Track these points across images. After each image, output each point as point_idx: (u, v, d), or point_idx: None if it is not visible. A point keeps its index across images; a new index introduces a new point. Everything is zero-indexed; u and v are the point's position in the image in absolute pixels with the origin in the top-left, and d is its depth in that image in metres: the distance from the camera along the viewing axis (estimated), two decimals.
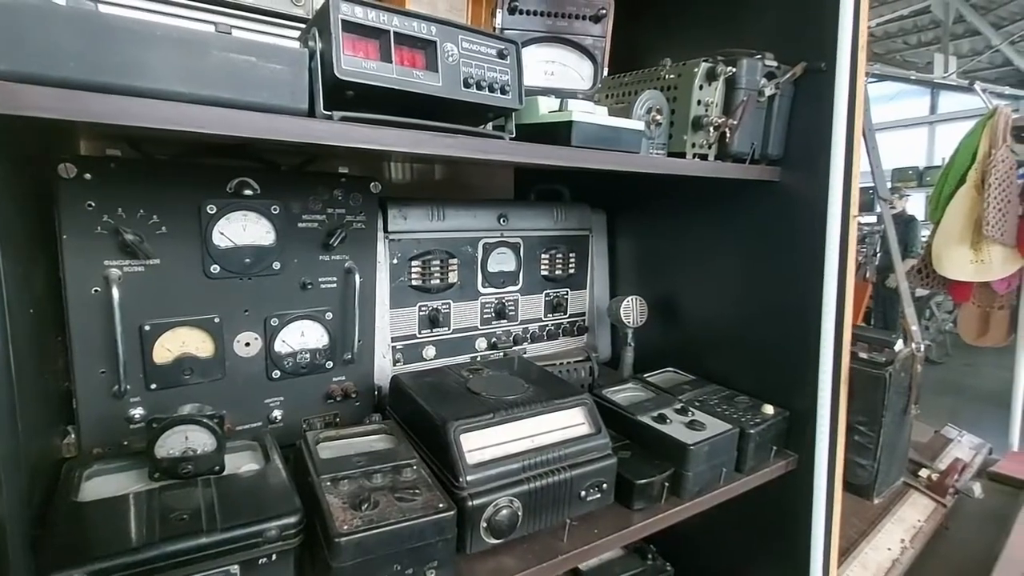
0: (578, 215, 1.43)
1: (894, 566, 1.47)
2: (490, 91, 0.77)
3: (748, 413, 1.06)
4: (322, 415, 1.02)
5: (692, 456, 0.91)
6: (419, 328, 1.22)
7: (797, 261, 1.05)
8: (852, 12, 0.94)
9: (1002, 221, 2.16)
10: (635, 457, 0.95)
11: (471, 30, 0.76)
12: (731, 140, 0.97)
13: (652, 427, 0.97)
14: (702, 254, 1.28)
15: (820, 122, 0.99)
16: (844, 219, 0.97)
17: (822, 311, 1.00)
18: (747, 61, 0.96)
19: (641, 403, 1.07)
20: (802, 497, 1.07)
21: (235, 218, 0.87)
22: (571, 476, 0.81)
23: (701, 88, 0.94)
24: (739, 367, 1.19)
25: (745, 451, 0.99)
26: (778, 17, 1.07)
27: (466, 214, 1.25)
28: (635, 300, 1.30)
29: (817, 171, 1.00)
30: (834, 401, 1.00)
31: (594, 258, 1.46)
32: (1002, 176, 2.16)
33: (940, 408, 4.66)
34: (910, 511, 1.69)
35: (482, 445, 0.79)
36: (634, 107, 0.92)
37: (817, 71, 0.99)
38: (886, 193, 1.06)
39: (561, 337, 1.44)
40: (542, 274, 1.38)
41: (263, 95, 0.59)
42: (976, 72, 9.17)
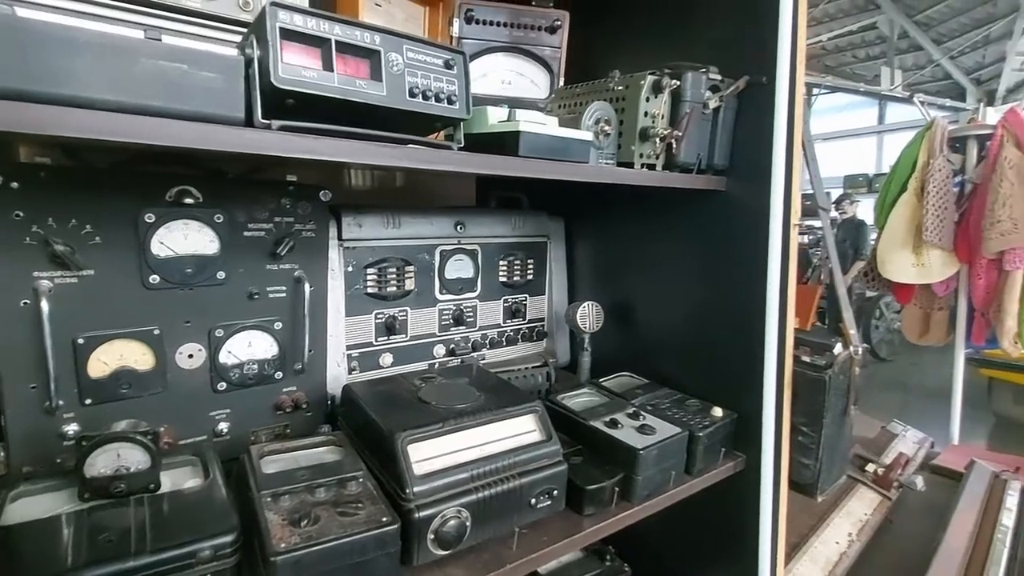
0: (536, 222, 1.44)
1: (841, 559, 1.52)
2: (436, 101, 0.77)
3: (698, 416, 1.08)
4: (272, 427, 1.00)
5: (641, 460, 0.92)
6: (376, 336, 1.21)
7: (742, 268, 1.08)
8: (790, 30, 0.97)
9: (940, 227, 2.27)
10: (587, 462, 0.96)
11: (417, 40, 0.76)
12: (677, 151, 0.99)
13: (604, 432, 0.98)
14: (655, 261, 1.31)
15: (762, 134, 1.03)
16: (785, 227, 1.01)
17: (766, 316, 1.03)
18: (692, 74, 0.99)
19: (594, 408, 1.08)
20: (751, 496, 1.10)
21: (176, 227, 0.84)
22: (521, 484, 0.81)
23: (648, 100, 0.96)
24: (691, 371, 1.22)
25: (694, 453, 1.02)
26: (723, 33, 1.10)
27: (422, 221, 1.24)
28: (591, 306, 1.32)
29: (760, 181, 1.04)
30: (778, 403, 1.04)
31: (552, 264, 1.47)
32: (939, 184, 2.27)
33: (890, 403, 4.87)
34: (857, 505, 1.76)
35: (431, 455, 0.79)
36: (583, 118, 0.93)
37: (759, 85, 1.02)
38: (825, 202, 1.10)
39: (520, 342, 1.45)
40: (500, 280, 1.38)
41: (195, 104, 0.58)
42: (919, 85, 9.64)
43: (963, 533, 1.59)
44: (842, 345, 1.00)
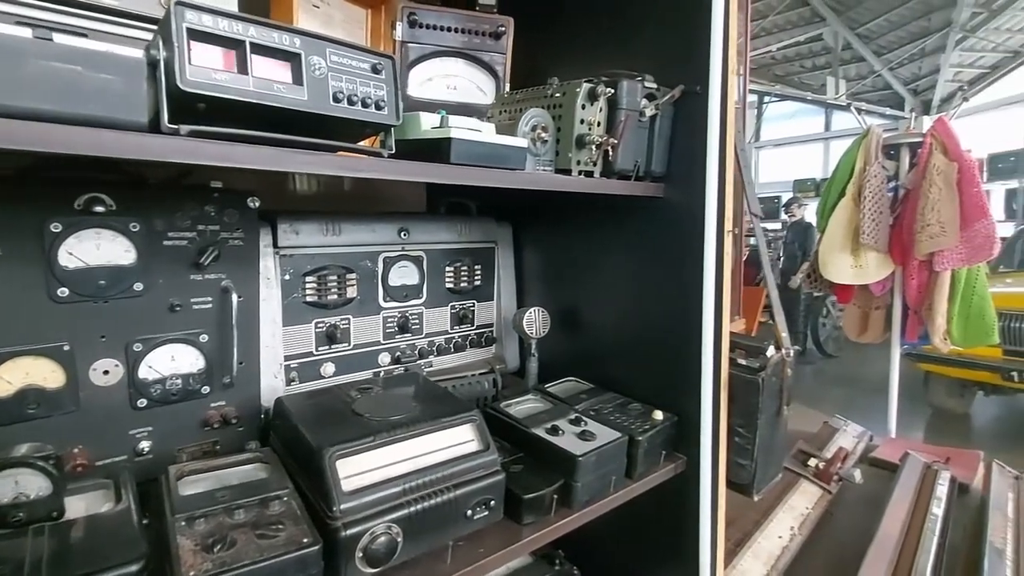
0: (483, 228, 1.43)
1: (783, 553, 1.57)
2: (363, 106, 0.75)
3: (639, 420, 1.09)
4: (199, 444, 0.95)
5: (580, 467, 0.92)
6: (316, 345, 1.17)
7: (680, 273, 1.10)
8: (722, 41, 1.00)
9: (875, 230, 2.38)
10: (527, 470, 0.95)
11: (342, 43, 0.74)
12: (614, 157, 1.00)
13: (544, 439, 0.98)
14: (600, 266, 1.32)
15: (697, 142, 1.05)
16: (719, 233, 1.03)
17: (702, 320, 1.05)
18: (627, 83, 1.00)
19: (537, 415, 1.08)
20: (691, 497, 1.12)
21: (86, 236, 0.80)
22: (456, 496, 0.80)
23: (583, 107, 0.97)
24: (635, 374, 1.23)
25: (635, 457, 1.03)
26: (661, 43, 1.12)
27: (364, 228, 1.22)
28: (537, 312, 1.32)
29: (695, 187, 1.06)
30: (715, 405, 1.06)
31: (500, 270, 1.47)
32: (875, 189, 2.38)
33: (836, 398, 5.08)
34: (799, 499, 1.82)
35: (361, 470, 0.76)
36: (519, 124, 0.93)
37: (693, 94, 1.04)
38: (757, 209, 1.13)
39: (469, 349, 1.43)
40: (447, 287, 1.37)
41: (93, 108, 0.55)
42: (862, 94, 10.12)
43: (896, 523, 1.66)
44: (774, 347, 1.03)
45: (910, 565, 1.50)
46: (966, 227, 2.19)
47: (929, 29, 8.80)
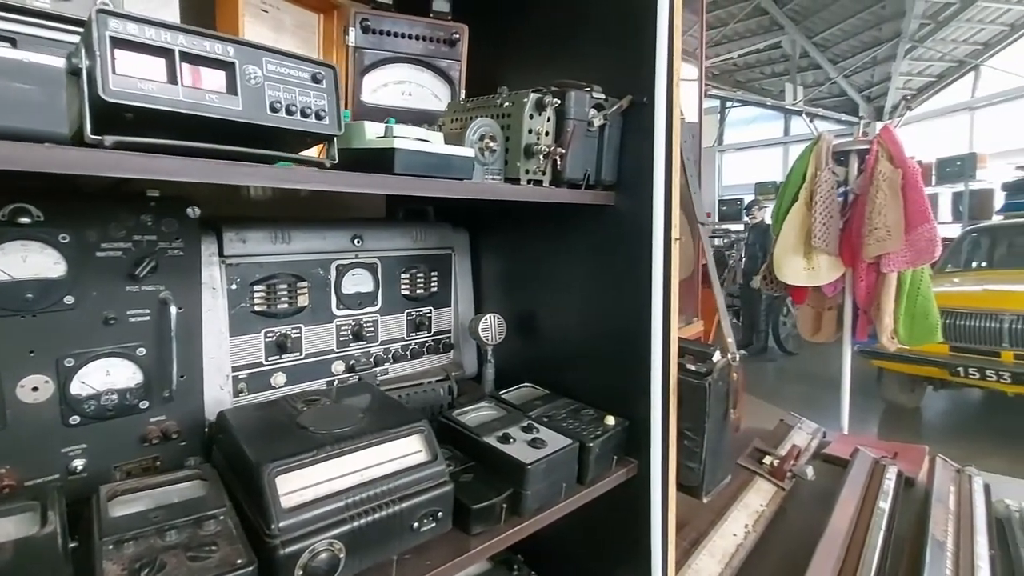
0: (439, 234, 1.43)
1: (738, 551, 1.61)
2: (303, 116, 0.74)
3: (591, 426, 1.10)
4: (139, 460, 0.92)
5: (530, 475, 0.93)
6: (266, 355, 1.15)
7: (630, 280, 1.11)
8: (667, 54, 1.02)
9: (826, 233, 2.46)
10: (477, 480, 0.95)
11: (279, 52, 0.73)
12: (563, 167, 1.01)
13: (495, 448, 0.98)
14: (556, 272, 1.33)
15: (645, 151, 1.07)
16: (667, 241, 1.05)
17: (652, 327, 1.07)
18: (575, 93, 1.01)
19: (490, 423, 1.08)
20: (643, 500, 1.14)
21: (11, 248, 0.76)
22: (402, 509, 0.80)
23: (531, 117, 0.98)
24: (588, 380, 1.24)
25: (586, 463, 1.04)
26: (610, 54, 1.14)
27: (315, 236, 1.20)
28: (493, 318, 1.32)
29: (643, 196, 1.07)
30: (664, 410, 1.08)
31: (457, 276, 1.46)
32: (825, 194, 2.46)
33: (795, 394, 5.24)
34: (754, 497, 1.87)
35: (303, 485, 0.75)
36: (466, 134, 0.93)
37: (641, 104, 1.06)
38: (702, 216, 1.16)
39: (426, 355, 1.42)
40: (403, 294, 1.36)
41: (9, 119, 0.53)
42: (819, 100, 10.48)
43: (845, 517, 1.72)
44: (720, 353, 1.05)
45: (857, 558, 1.55)
46: (910, 231, 2.29)
47: (880, 39, 9.18)
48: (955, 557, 1.55)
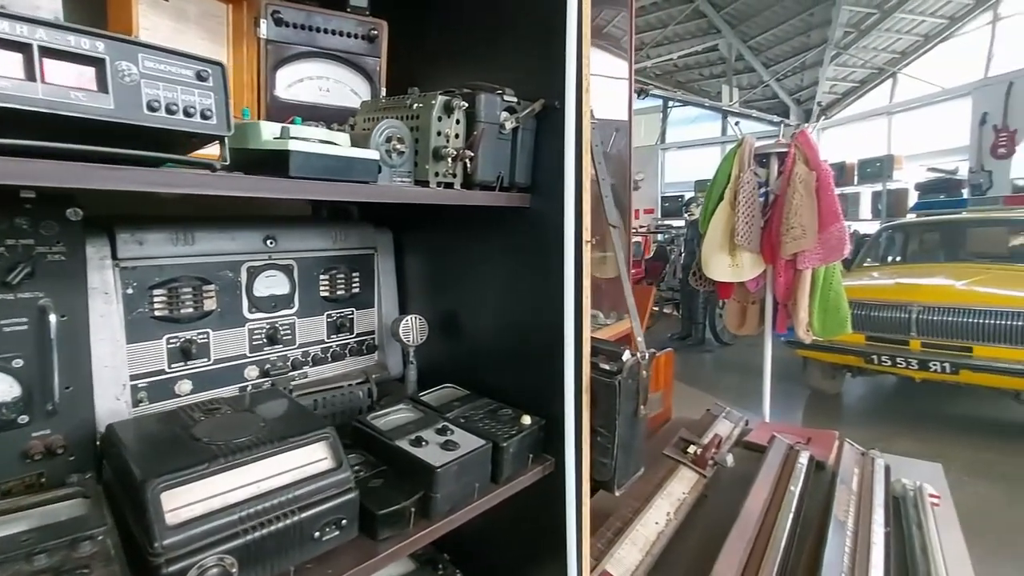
0: (360, 234, 1.40)
1: (659, 538, 1.67)
2: (186, 116, 0.71)
3: (507, 425, 1.12)
4: (20, 478, 0.86)
5: (440, 478, 0.93)
6: (169, 362, 1.10)
7: (546, 281, 1.13)
8: (575, 59, 1.04)
9: (748, 232, 2.58)
10: (387, 485, 0.95)
11: (157, 48, 0.70)
12: (474, 169, 1.02)
13: (406, 451, 0.98)
14: (477, 273, 1.34)
15: (557, 154, 1.09)
16: (577, 242, 1.07)
17: (564, 327, 1.09)
18: (485, 96, 1.01)
19: (404, 426, 1.07)
20: (560, 495, 1.16)
21: None
22: (301, 519, 0.78)
23: (440, 119, 0.97)
24: (508, 380, 1.26)
25: (500, 463, 1.05)
26: (524, 57, 1.15)
27: (222, 236, 1.15)
28: (414, 319, 1.32)
29: (556, 198, 1.09)
30: (577, 408, 1.11)
31: (380, 277, 1.44)
32: (747, 195, 2.58)
33: (729, 383, 5.49)
34: (677, 485, 1.95)
35: (192, 500, 0.73)
36: (372, 135, 0.92)
37: (553, 108, 1.08)
38: (615, 220, 1.19)
39: (348, 357, 1.40)
40: (322, 295, 1.33)
41: None
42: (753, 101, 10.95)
43: (759, 501, 1.82)
44: (630, 352, 1.09)
45: (767, 539, 1.65)
46: (823, 230, 2.44)
47: (809, 45, 9.69)
48: (854, 535, 1.67)
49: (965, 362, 3.85)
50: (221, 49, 1.27)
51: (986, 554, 2.37)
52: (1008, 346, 3.72)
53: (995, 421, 4.26)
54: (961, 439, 3.90)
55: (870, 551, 1.60)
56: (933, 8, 8.87)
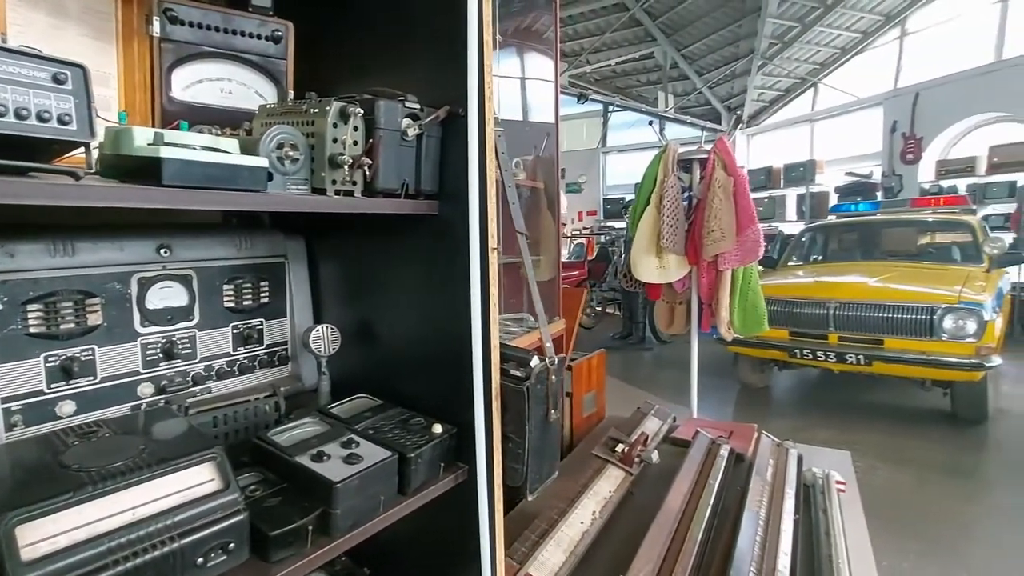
0: (269, 242, 1.36)
1: (583, 538, 1.70)
2: (40, 121, 0.66)
3: (418, 435, 1.11)
4: None
5: (339, 493, 0.91)
6: (48, 382, 1.02)
7: (454, 288, 1.13)
8: (477, 66, 1.04)
9: (673, 235, 2.68)
10: (285, 502, 0.92)
11: (5, 49, 0.65)
12: (374, 177, 1.00)
13: (305, 467, 0.95)
14: (390, 281, 1.32)
15: (463, 161, 1.09)
16: (483, 250, 1.07)
17: (472, 334, 1.09)
18: (384, 103, 1.00)
19: (308, 440, 1.04)
20: (473, 502, 1.16)
21: None
22: (181, 546, 0.74)
23: (335, 126, 0.95)
24: (422, 389, 1.25)
25: (407, 474, 1.04)
26: (430, 64, 1.15)
27: (109, 246, 1.09)
28: (326, 329, 1.29)
29: (462, 206, 1.09)
30: (487, 415, 1.11)
31: (292, 286, 1.40)
32: (672, 199, 2.68)
33: (667, 379, 5.67)
34: (604, 484, 1.99)
35: (56, 532, 0.68)
36: (262, 141, 0.89)
37: (457, 116, 1.08)
38: (521, 227, 1.21)
39: (259, 369, 1.35)
40: (226, 306, 1.27)
41: None
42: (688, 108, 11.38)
43: (679, 495, 1.89)
44: (538, 358, 1.10)
45: (686, 532, 1.71)
46: (740, 232, 2.56)
47: (738, 54, 10.17)
48: (766, 523, 1.76)
49: (877, 354, 4.11)
50: (109, 47, 1.20)
51: (894, 534, 2.55)
52: (914, 338, 4.00)
53: (905, 408, 4.59)
54: (876, 426, 4.18)
55: (780, 537, 1.69)
56: (848, 23, 9.50)
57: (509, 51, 2.73)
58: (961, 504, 2.91)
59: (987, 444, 3.81)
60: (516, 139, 2.52)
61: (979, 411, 4.12)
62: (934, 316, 3.88)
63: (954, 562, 2.37)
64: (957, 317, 3.83)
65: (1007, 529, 2.63)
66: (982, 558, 2.40)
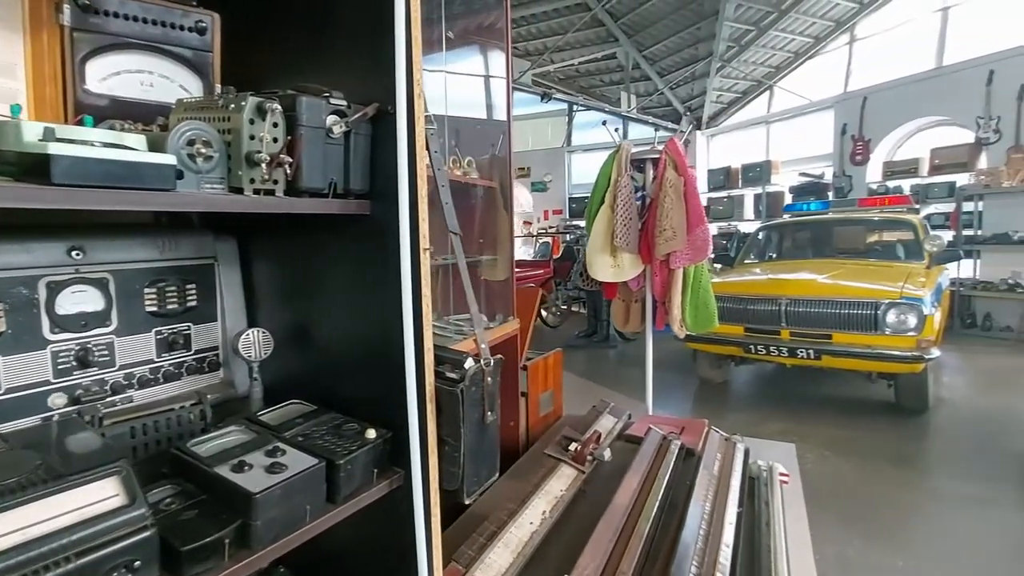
0: (196, 243, 1.30)
1: (532, 538, 1.70)
2: None
3: (350, 441, 1.08)
4: None
5: (258, 504, 0.88)
6: None
7: (387, 289, 1.10)
8: (405, 64, 1.02)
9: (627, 234, 2.70)
10: (202, 516, 0.88)
11: None
12: (297, 176, 0.97)
13: (224, 478, 0.91)
14: (326, 282, 1.28)
15: (393, 160, 1.06)
16: (414, 250, 1.05)
17: (404, 336, 1.07)
18: (306, 99, 0.97)
19: (231, 450, 1.00)
20: (410, 507, 1.14)
21: None
22: (79, 566, 0.70)
23: (252, 122, 0.92)
24: (357, 393, 1.22)
25: (336, 481, 1.01)
26: (359, 60, 1.12)
27: (11, 248, 1.02)
28: (257, 332, 1.24)
29: (394, 205, 1.07)
30: (421, 418, 1.09)
31: (223, 288, 1.35)
32: (625, 198, 2.70)
33: (630, 377, 5.74)
34: (556, 483, 1.99)
35: None
36: (170, 138, 0.85)
37: (387, 113, 1.05)
38: (454, 227, 1.19)
39: (186, 376, 1.29)
40: (149, 310, 1.21)
41: None
42: (650, 108, 11.55)
43: (629, 491, 1.91)
44: (473, 359, 1.09)
45: (633, 528, 1.72)
46: (690, 231, 2.60)
47: (697, 56, 10.37)
48: (710, 516, 1.79)
49: (826, 348, 4.25)
50: (15, 36, 1.13)
51: (842, 521, 2.64)
52: (860, 333, 4.15)
53: (854, 400, 4.76)
54: (827, 418, 4.33)
55: (723, 530, 1.72)
56: (801, 28, 9.80)
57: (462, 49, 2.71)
58: (903, 490, 3.04)
59: (928, 433, 3.99)
60: (472, 138, 2.50)
61: (921, 401, 4.30)
62: (878, 311, 4.04)
63: (895, 545, 2.47)
64: (899, 312, 3.99)
65: (945, 513, 2.76)
66: (921, 540, 2.51)
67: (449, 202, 1.17)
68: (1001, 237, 7.15)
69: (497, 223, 2.42)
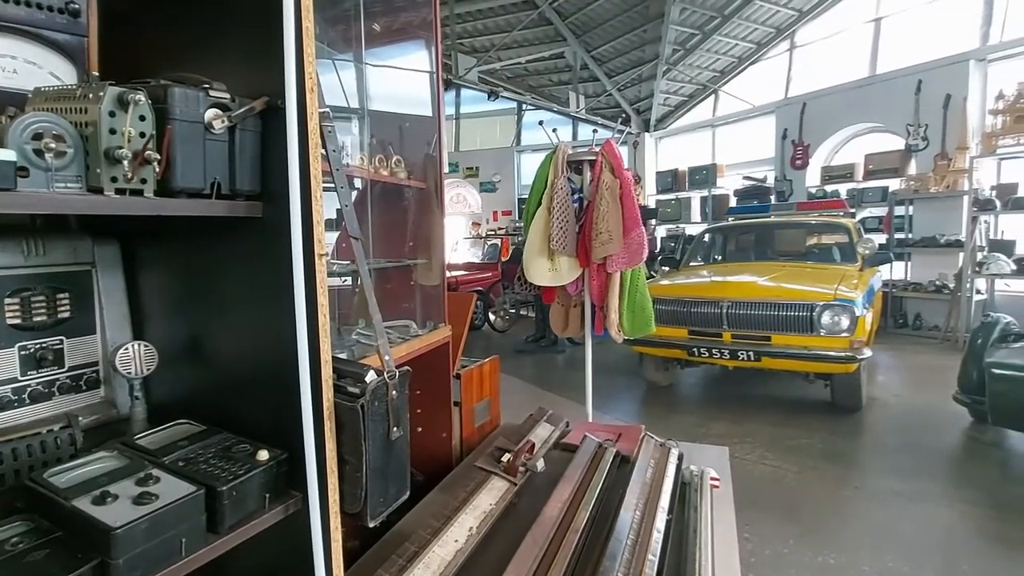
0: (70, 247, 1.18)
1: (456, 556, 1.63)
2: None
3: (239, 464, 0.99)
4: None
5: (118, 540, 0.78)
6: None
7: (282, 299, 1.02)
8: (295, 55, 0.94)
9: (564, 237, 2.68)
10: (53, 556, 0.78)
11: None
12: (170, 174, 0.88)
13: (81, 512, 0.82)
14: (216, 291, 1.18)
15: (284, 158, 0.98)
16: (308, 256, 0.98)
17: (297, 350, 0.99)
18: (179, 90, 0.88)
19: (94, 480, 0.90)
20: (308, 533, 1.06)
21: None
22: None
23: (112, 115, 0.82)
24: (251, 411, 1.13)
25: (219, 510, 0.92)
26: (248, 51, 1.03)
27: None
28: (136, 346, 1.13)
29: (286, 207, 0.99)
30: (318, 437, 1.01)
31: (103, 297, 1.22)
32: (561, 201, 2.68)
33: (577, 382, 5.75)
34: (486, 497, 1.93)
35: None
36: (9, 131, 0.74)
37: (277, 107, 0.97)
38: (355, 231, 1.12)
39: (59, 396, 1.17)
40: (10, 323, 1.09)
41: None
42: (598, 109, 11.69)
43: (560, 501, 1.87)
44: (375, 372, 1.02)
45: (562, 539, 1.68)
46: (626, 235, 2.60)
47: (644, 59, 10.56)
48: (639, 525, 1.78)
49: (765, 350, 4.36)
50: None
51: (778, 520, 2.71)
52: (797, 334, 4.28)
53: (793, 400, 4.92)
54: (767, 418, 4.44)
55: (651, 538, 1.71)
56: (744, 34, 10.13)
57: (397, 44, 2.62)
58: (837, 487, 3.14)
59: (861, 430, 4.16)
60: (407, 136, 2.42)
61: (855, 400, 4.48)
62: (813, 313, 4.17)
63: (828, 541, 2.55)
64: (833, 313, 4.14)
65: (874, 509, 2.87)
66: (853, 536, 2.60)
67: (349, 205, 1.09)
68: (929, 240, 7.58)
69: (429, 225, 2.35)
